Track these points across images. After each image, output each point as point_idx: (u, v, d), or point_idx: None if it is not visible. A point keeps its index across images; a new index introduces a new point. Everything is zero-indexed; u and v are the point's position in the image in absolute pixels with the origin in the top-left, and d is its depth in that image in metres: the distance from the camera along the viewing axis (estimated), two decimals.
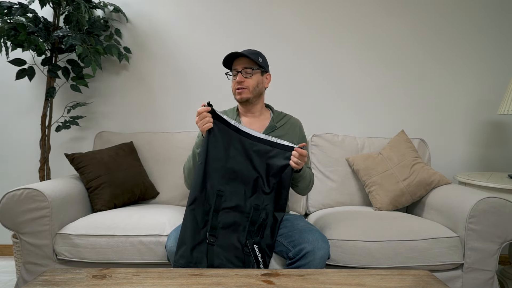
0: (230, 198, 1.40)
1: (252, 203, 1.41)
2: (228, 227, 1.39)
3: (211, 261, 1.34)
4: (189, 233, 1.34)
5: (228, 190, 1.41)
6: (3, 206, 1.56)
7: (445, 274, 1.59)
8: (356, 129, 2.45)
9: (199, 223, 1.36)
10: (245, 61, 1.57)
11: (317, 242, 1.36)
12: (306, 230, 1.43)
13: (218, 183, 1.40)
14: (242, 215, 1.40)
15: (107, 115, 2.45)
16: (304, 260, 1.34)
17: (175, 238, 1.38)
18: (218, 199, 1.39)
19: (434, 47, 2.42)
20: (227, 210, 1.40)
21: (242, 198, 1.41)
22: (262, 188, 1.43)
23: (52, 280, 1.09)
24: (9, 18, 1.95)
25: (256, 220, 1.40)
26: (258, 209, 1.41)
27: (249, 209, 1.41)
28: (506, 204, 1.56)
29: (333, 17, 2.41)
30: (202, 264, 1.33)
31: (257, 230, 1.40)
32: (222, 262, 1.35)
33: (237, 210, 1.40)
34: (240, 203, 1.41)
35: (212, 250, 1.36)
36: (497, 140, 2.44)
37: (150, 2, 2.41)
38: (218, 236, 1.37)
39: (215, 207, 1.39)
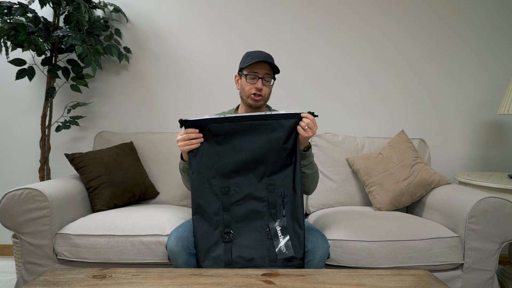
0: (238, 190, 1.36)
1: (265, 185, 1.37)
2: (244, 218, 1.35)
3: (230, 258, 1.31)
4: (200, 240, 1.33)
5: (234, 183, 1.37)
6: (3, 206, 1.56)
7: (445, 274, 1.59)
8: (356, 129, 2.45)
9: (209, 227, 1.34)
10: (267, 68, 1.53)
11: (316, 241, 1.36)
12: (306, 230, 1.42)
13: (220, 181, 1.37)
14: (257, 201, 1.36)
15: (107, 115, 2.45)
16: (304, 260, 1.34)
17: (176, 237, 1.37)
18: (224, 196, 1.36)
19: (434, 47, 2.42)
20: (239, 203, 1.36)
21: (252, 185, 1.36)
22: (272, 166, 1.37)
23: (52, 280, 1.09)
24: (9, 18, 1.95)
25: (274, 201, 1.36)
26: (274, 189, 1.36)
27: (263, 193, 1.36)
28: (506, 204, 1.56)
29: (333, 18, 2.41)
30: (220, 264, 1.31)
31: (279, 211, 1.35)
32: (243, 256, 1.31)
33: (250, 198, 1.36)
34: (251, 191, 1.36)
35: (229, 247, 1.33)
36: (497, 140, 2.44)
37: (150, 2, 2.41)
38: (235, 231, 1.35)
39: (224, 204, 1.36)
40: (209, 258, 1.32)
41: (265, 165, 1.37)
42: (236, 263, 1.32)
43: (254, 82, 1.53)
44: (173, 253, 1.35)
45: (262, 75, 1.52)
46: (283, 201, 1.35)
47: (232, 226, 1.35)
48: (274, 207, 1.35)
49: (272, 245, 1.33)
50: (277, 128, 1.35)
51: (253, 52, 1.56)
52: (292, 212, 1.35)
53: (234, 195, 1.36)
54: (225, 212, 1.35)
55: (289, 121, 1.35)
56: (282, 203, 1.35)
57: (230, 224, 1.35)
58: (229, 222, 1.35)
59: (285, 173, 1.37)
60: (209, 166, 1.37)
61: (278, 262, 1.32)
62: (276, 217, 1.35)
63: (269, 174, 1.38)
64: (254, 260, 1.32)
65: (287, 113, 1.34)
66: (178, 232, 1.39)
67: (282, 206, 1.35)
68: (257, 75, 1.52)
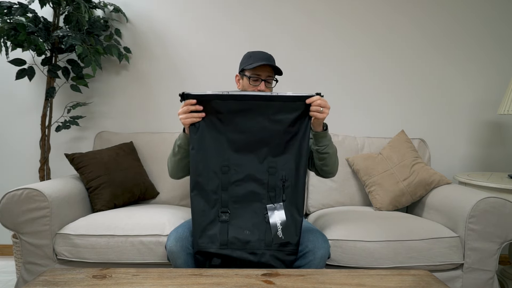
0: (239, 170, 1.33)
1: (266, 167, 1.33)
2: (242, 199, 1.33)
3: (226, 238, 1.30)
4: (197, 218, 1.31)
5: (234, 163, 1.33)
6: (3, 206, 1.56)
7: (445, 274, 1.59)
8: (356, 129, 2.45)
9: (206, 205, 1.32)
10: (270, 70, 1.52)
11: (317, 241, 1.36)
12: (306, 230, 1.43)
13: (220, 160, 1.33)
14: (257, 183, 1.33)
15: (107, 115, 2.45)
16: (304, 260, 1.34)
17: (175, 238, 1.37)
18: (224, 175, 1.33)
19: (435, 48, 2.42)
20: (238, 183, 1.33)
21: (252, 166, 1.33)
22: (275, 149, 1.34)
23: (52, 280, 1.09)
24: (9, 18, 1.95)
25: (274, 184, 1.33)
26: (275, 172, 1.33)
27: (264, 175, 1.33)
28: (506, 204, 1.56)
29: (335, 15, 2.41)
30: (216, 243, 1.30)
31: (278, 194, 1.33)
32: (240, 237, 1.30)
33: (250, 179, 1.33)
34: (251, 172, 1.33)
35: (225, 227, 1.31)
36: (497, 140, 2.44)
37: (150, 2, 2.41)
38: (233, 212, 1.33)
39: (222, 183, 1.33)
40: (205, 236, 1.30)
41: (268, 147, 1.34)
42: (232, 244, 1.30)
43: (256, 84, 1.53)
44: (172, 253, 1.35)
45: (265, 77, 1.52)
46: (283, 185, 1.33)
47: (229, 206, 1.33)
48: (273, 190, 1.33)
49: (268, 229, 1.31)
50: (282, 109, 1.32)
51: (255, 52, 1.56)
52: (292, 197, 1.33)
53: (234, 174, 1.33)
54: (224, 191, 1.33)
55: (296, 104, 1.31)
56: (282, 187, 1.33)
57: (228, 204, 1.33)
58: (226, 201, 1.33)
59: (287, 157, 1.34)
60: (210, 144, 1.34)
61: (274, 247, 1.31)
62: (275, 201, 1.33)
63: (271, 157, 1.35)
64: (250, 243, 1.30)
65: (294, 95, 1.31)
66: (177, 232, 1.39)
67: (282, 190, 1.33)
68: (260, 77, 1.52)
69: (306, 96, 1.31)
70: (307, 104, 1.31)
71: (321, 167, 1.49)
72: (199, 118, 1.32)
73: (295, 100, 1.31)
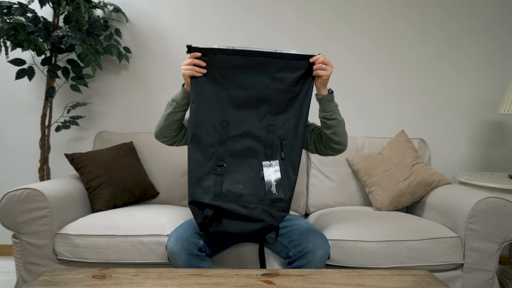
0: (238, 126, 1.35)
1: (265, 124, 1.35)
2: (239, 154, 1.35)
3: (219, 190, 1.32)
4: (192, 169, 1.33)
5: (234, 119, 1.35)
6: (3, 206, 1.56)
7: (445, 274, 1.59)
8: (356, 129, 2.45)
9: (202, 157, 1.34)
10: None
11: (317, 242, 1.36)
12: (306, 230, 1.42)
13: (220, 115, 1.35)
14: (255, 140, 1.35)
15: (107, 115, 2.45)
16: (304, 260, 1.34)
17: (176, 238, 1.37)
18: (223, 130, 1.35)
19: (434, 48, 2.42)
20: (237, 138, 1.35)
21: (252, 122, 1.35)
22: (275, 107, 1.35)
23: (52, 280, 1.09)
24: (9, 18, 1.95)
25: (272, 142, 1.35)
26: (273, 130, 1.35)
27: (262, 132, 1.35)
28: (506, 204, 1.56)
29: (334, 16, 2.41)
30: (209, 194, 1.31)
31: (275, 152, 1.34)
32: (233, 190, 1.32)
33: (248, 136, 1.35)
34: (250, 128, 1.35)
35: (220, 180, 1.33)
36: (497, 140, 2.44)
37: (150, 2, 2.41)
38: (228, 166, 1.34)
39: (220, 138, 1.34)
40: (200, 187, 1.32)
41: (269, 104, 1.36)
42: (225, 196, 1.32)
43: None
44: (173, 254, 1.35)
45: None
46: (281, 143, 1.35)
47: (226, 160, 1.35)
48: (270, 148, 1.35)
49: (263, 184, 1.33)
50: (285, 68, 1.33)
51: None
52: (289, 156, 1.34)
53: (233, 130, 1.35)
54: (221, 145, 1.35)
55: (299, 63, 1.32)
56: (280, 145, 1.35)
57: (224, 158, 1.35)
58: (223, 155, 1.34)
59: (287, 116, 1.36)
60: (210, 98, 1.35)
61: (266, 202, 1.32)
62: (272, 158, 1.35)
63: (271, 115, 1.36)
64: (242, 197, 1.32)
65: (298, 53, 1.32)
66: (178, 233, 1.39)
67: (279, 148, 1.35)
68: None
69: (310, 55, 1.33)
70: (311, 63, 1.33)
71: (331, 138, 1.44)
72: (200, 74, 1.34)
73: (298, 59, 1.32)
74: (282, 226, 1.51)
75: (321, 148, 1.51)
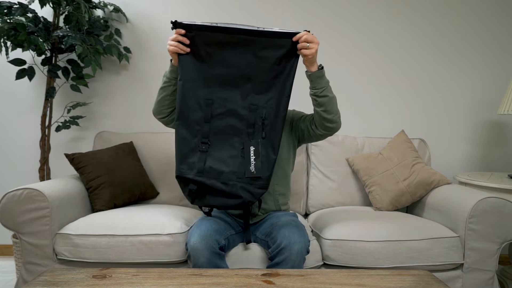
0: (222, 104, 1.38)
1: (248, 103, 1.38)
2: (223, 132, 1.39)
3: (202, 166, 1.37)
4: (179, 145, 1.39)
5: (218, 97, 1.38)
6: (3, 206, 1.56)
7: (445, 274, 1.59)
8: (356, 129, 2.45)
9: (188, 134, 1.38)
10: None
11: (293, 236, 1.34)
12: (283, 225, 1.41)
13: (205, 93, 1.38)
14: (237, 118, 1.38)
15: (107, 115, 2.46)
16: (281, 256, 1.33)
17: (199, 235, 1.36)
18: (207, 108, 1.38)
19: (434, 48, 2.42)
20: (220, 116, 1.38)
21: (235, 101, 1.38)
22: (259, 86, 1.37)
23: (52, 280, 1.09)
24: (9, 18, 1.95)
25: (254, 121, 1.37)
26: (256, 109, 1.37)
27: (245, 111, 1.37)
28: (506, 204, 1.56)
29: (333, 15, 2.41)
30: (193, 170, 1.37)
31: (256, 131, 1.37)
32: (215, 167, 1.36)
33: (231, 114, 1.38)
34: (233, 107, 1.38)
35: (204, 157, 1.37)
36: (497, 140, 2.44)
37: (150, 2, 2.41)
38: (212, 143, 1.39)
39: (205, 115, 1.38)
40: (185, 163, 1.38)
41: (252, 83, 1.38)
42: (207, 173, 1.37)
43: None
44: (196, 251, 1.33)
45: None
46: (263, 123, 1.37)
47: (210, 137, 1.39)
48: (252, 127, 1.37)
49: (242, 163, 1.37)
50: (269, 46, 1.34)
51: None
52: (269, 136, 1.37)
53: (217, 108, 1.39)
54: (206, 123, 1.38)
55: (283, 41, 1.32)
56: (262, 124, 1.37)
57: (209, 135, 1.39)
58: (207, 133, 1.39)
59: (270, 95, 1.37)
60: (195, 75, 1.38)
61: (245, 180, 1.37)
62: (253, 137, 1.37)
63: (254, 94, 1.38)
64: (223, 174, 1.37)
65: (281, 31, 1.32)
66: (201, 230, 1.38)
67: (261, 128, 1.37)
68: None
69: (294, 33, 1.32)
70: (295, 42, 1.32)
71: (322, 116, 1.43)
72: (183, 51, 1.36)
73: (282, 37, 1.32)
74: (269, 224, 1.51)
75: (315, 130, 1.50)
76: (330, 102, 1.40)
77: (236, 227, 1.56)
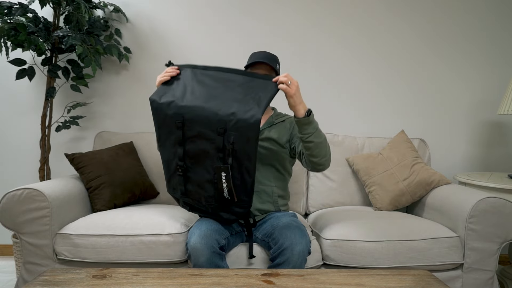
0: (191, 127, 1.33)
1: (216, 127, 1.29)
2: (196, 156, 1.36)
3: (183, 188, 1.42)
4: (164, 169, 1.45)
5: (188, 119, 1.33)
6: (3, 206, 1.56)
7: (445, 274, 1.59)
8: (356, 129, 2.45)
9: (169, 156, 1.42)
10: (267, 68, 1.55)
11: (294, 237, 1.34)
12: (285, 227, 1.41)
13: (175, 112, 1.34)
14: (208, 142, 1.32)
15: (107, 115, 2.46)
16: (283, 257, 1.33)
17: (199, 235, 1.37)
18: (178, 131, 1.35)
19: (434, 47, 2.42)
20: (193, 139, 1.35)
21: (204, 124, 1.31)
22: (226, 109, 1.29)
23: (52, 280, 1.09)
24: (9, 18, 1.95)
25: (221, 145, 1.30)
26: (223, 132, 1.28)
27: (213, 135, 1.30)
28: (506, 204, 1.56)
29: (335, 16, 2.41)
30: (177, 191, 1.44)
31: (227, 156, 1.30)
32: (193, 190, 1.41)
33: (202, 138, 1.32)
34: (202, 130, 1.31)
35: (182, 179, 1.40)
36: (497, 140, 2.44)
37: (150, 2, 2.41)
38: (188, 165, 1.39)
39: (178, 138, 1.37)
40: (170, 185, 1.46)
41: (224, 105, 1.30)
42: (190, 194, 1.43)
43: None
44: (196, 250, 1.34)
45: None
46: (232, 148, 1.29)
47: (186, 160, 1.39)
48: (222, 151, 1.31)
49: (217, 188, 1.35)
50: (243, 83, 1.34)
51: (257, 52, 1.60)
52: (243, 160, 1.29)
53: (188, 131, 1.35)
54: (180, 146, 1.37)
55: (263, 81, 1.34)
56: (232, 150, 1.29)
57: (184, 158, 1.39)
58: (182, 156, 1.38)
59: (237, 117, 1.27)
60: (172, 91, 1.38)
61: (225, 203, 1.38)
62: (225, 162, 1.31)
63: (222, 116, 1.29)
64: (202, 198, 1.41)
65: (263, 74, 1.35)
66: (201, 230, 1.39)
67: (230, 153, 1.29)
68: None
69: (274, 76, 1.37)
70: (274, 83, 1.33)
71: (309, 158, 1.42)
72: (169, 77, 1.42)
73: (264, 78, 1.34)
74: (269, 225, 1.51)
75: (303, 163, 1.50)
76: (316, 147, 1.37)
77: (236, 227, 1.56)
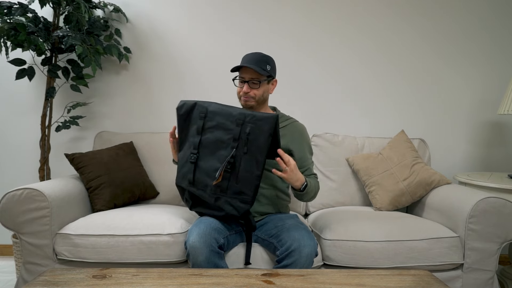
0: (212, 118, 1.45)
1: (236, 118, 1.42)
2: (211, 145, 1.44)
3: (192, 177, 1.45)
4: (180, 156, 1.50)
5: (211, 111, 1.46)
6: (3, 206, 1.56)
7: (445, 274, 1.59)
8: (356, 129, 2.45)
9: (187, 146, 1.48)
10: (252, 72, 1.53)
11: (302, 239, 1.35)
12: (292, 228, 1.42)
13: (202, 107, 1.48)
14: (225, 132, 1.43)
15: (107, 115, 2.46)
16: (291, 259, 1.33)
17: (198, 233, 1.37)
18: (200, 121, 1.46)
19: (435, 47, 2.42)
20: (211, 130, 1.45)
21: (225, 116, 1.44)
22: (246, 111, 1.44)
23: (52, 280, 1.09)
24: (9, 18, 1.95)
25: (237, 135, 1.40)
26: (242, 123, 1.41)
27: (232, 125, 1.42)
28: (506, 204, 1.56)
29: (336, 16, 2.41)
30: (185, 180, 1.46)
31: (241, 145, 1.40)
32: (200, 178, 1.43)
33: (220, 128, 1.44)
34: (223, 121, 1.44)
35: (193, 167, 1.45)
36: (497, 140, 2.44)
37: (150, 2, 2.41)
38: (201, 154, 1.45)
39: (198, 127, 1.46)
40: (181, 173, 1.49)
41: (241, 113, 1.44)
42: (197, 184, 1.45)
43: (242, 86, 1.57)
44: (195, 249, 1.34)
45: (248, 79, 1.54)
46: (247, 138, 1.39)
47: (199, 149, 1.45)
48: (237, 140, 1.40)
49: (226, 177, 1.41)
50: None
51: (247, 54, 1.57)
52: (254, 151, 1.39)
53: (209, 121, 1.46)
54: (198, 135, 1.46)
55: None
56: (247, 140, 1.39)
57: (199, 147, 1.45)
58: (197, 144, 1.45)
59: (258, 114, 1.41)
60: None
61: (229, 193, 1.41)
62: (238, 151, 1.41)
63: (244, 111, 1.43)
64: (208, 187, 1.43)
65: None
66: (199, 228, 1.39)
67: (245, 142, 1.39)
68: (244, 79, 1.55)
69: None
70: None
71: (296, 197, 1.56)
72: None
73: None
74: (273, 226, 1.51)
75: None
76: (304, 198, 1.53)
77: (236, 226, 1.56)
